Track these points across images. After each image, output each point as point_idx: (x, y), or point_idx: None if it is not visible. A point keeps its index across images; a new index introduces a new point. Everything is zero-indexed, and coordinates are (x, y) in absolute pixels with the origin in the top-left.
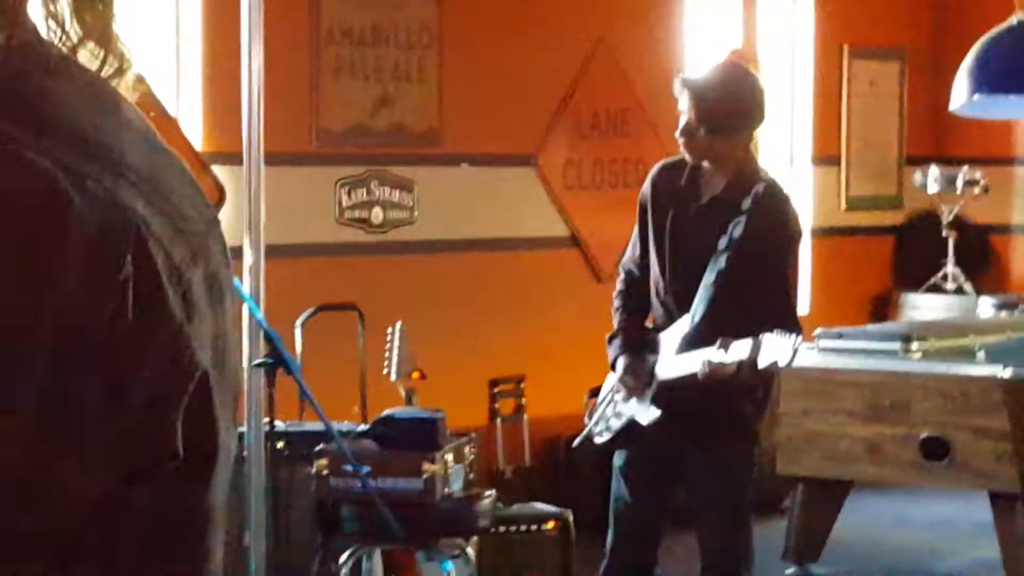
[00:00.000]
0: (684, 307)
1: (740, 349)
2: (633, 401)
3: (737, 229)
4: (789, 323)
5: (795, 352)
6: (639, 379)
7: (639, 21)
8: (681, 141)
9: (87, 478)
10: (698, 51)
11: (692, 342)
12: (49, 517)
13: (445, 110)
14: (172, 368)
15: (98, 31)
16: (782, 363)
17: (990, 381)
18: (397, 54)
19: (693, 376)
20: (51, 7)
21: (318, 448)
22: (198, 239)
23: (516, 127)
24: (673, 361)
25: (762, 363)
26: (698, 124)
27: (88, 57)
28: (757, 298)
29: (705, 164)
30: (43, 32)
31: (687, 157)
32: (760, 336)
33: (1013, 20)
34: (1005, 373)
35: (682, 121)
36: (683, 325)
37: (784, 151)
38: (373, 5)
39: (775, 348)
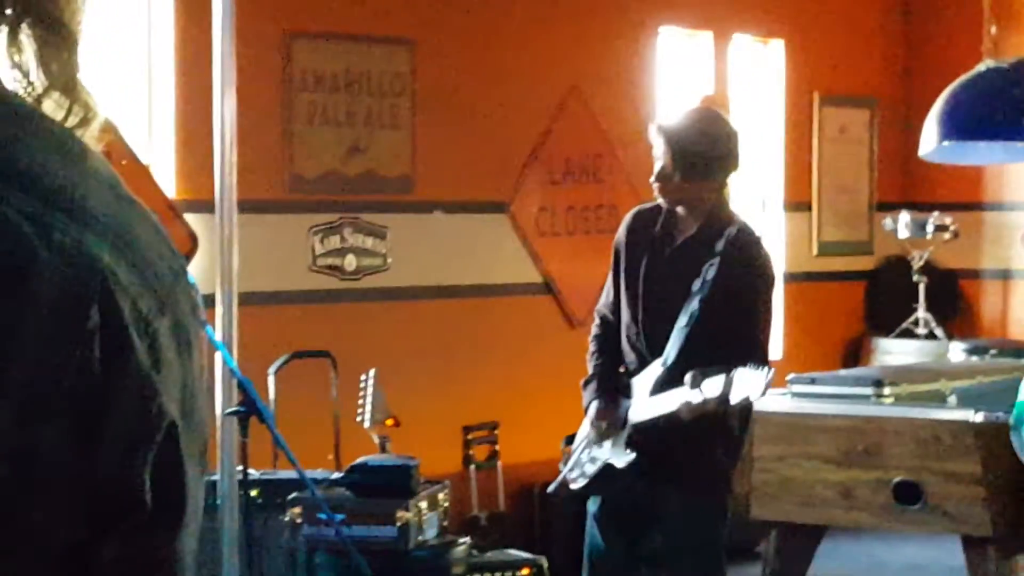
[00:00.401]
0: (657, 351)
1: (712, 385)
2: (607, 445)
3: (711, 271)
4: (758, 359)
5: (767, 385)
6: (612, 423)
7: (611, 68)
8: (656, 186)
9: (54, 529)
10: (670, 97)
11: (665, 384)
12: (16, 569)
13: (418, 157)
14: (139, 418)
15: (63, 81)
16: (754, 397)
17: (962, 425)
18: (370, 101)
19: (666, 417)
20: (16, 58)
21: (292, 496)
22: (165, 289)
23: (489, 174)
24: (646, 403)
25: (734, 398)
26: (673, 169)
27: (53, 107)
28: (728, 340)
29: (679, 209)
30: (8, 82)
31: (661, 201)
32: (732, 372)
33: (981, 67)
34: (976, 417)
35: (657, 166)
36: (655, 368)
37: (756, 197)
38: (346, 52)
39: (747, 382)
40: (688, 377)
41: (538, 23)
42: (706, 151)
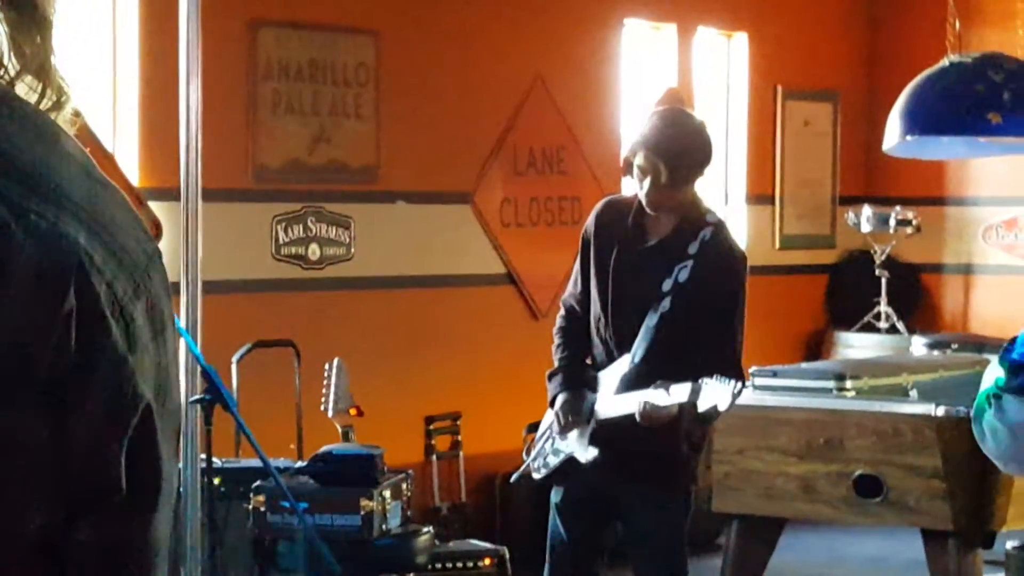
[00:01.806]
0: (624, 346)
1: (679, 392)
2: (572, 439)
3: (683, 273)
4: (731, 369)
5: (735, 398)
6: (577, 416)
7: (575, 60)
8: (649, 199)
9: (33, 511)
10: (634, 90)
11: (631, 382)
12: None
13: (382, 147)
14: (115, 401)
15: (36, 64)
16: (722, 407)
17: (923, 419)
18: (334, 91)
19: (631, 416)
20: None
21: (255, 484)
22: (140, 272)
23: (453, 164)
24: (612, 401)
25: (702, 407)
26: (667, 181)
27: (26, 90)
28: (700, 342)
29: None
30: None
31: (650, 210)
32: (700, 380)
33: (945, 62)
34: (937, 411)
35: (646, 180)
36: (623, 365)
37: (719, 190)
38: (310, 42)
39: (715, 392)
40: (656, 383)
41: (502, 14)
42: (693, 158)
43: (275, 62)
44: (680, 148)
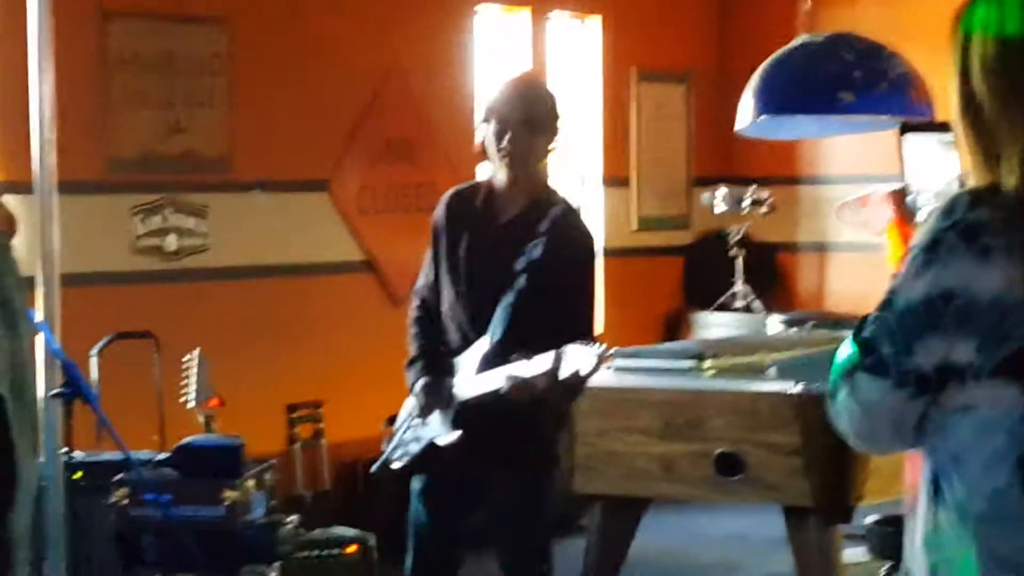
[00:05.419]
0: (480, 329)
1: (542, 361)
2: (432, 424)
3: (536, 250)
4: (589, 336)
5: (599, 361)
6: (439, 401)
7: (430, 46)
8: (505, 151)
9: None
10: (489, 75)
11: (492, 361)
12: None
13: (237, 136)
14: None
15: None
16: (584, 372)
17: (781, 397)
18: (188, 80)
19: (493, 394)
20: None
21: (117, 478)
22: None
23: (309, 152)
24: (473, 380)
25: (564, 373)
26: (520, 127)
27: None
28: (555, 316)
29: (501, 186)
30: None
31: (503, 175)
32: (562, 348)
33: (796, 42)
34: (795, 389)
35: (505, 136)
36: (482, 346)
37: (575, 172)
38: (162, 32)
39: (577, 358)
40: (516, 355)
41: (356, 1)
42: (546, 104)
43: (127, 53)
44: (537, 95)
